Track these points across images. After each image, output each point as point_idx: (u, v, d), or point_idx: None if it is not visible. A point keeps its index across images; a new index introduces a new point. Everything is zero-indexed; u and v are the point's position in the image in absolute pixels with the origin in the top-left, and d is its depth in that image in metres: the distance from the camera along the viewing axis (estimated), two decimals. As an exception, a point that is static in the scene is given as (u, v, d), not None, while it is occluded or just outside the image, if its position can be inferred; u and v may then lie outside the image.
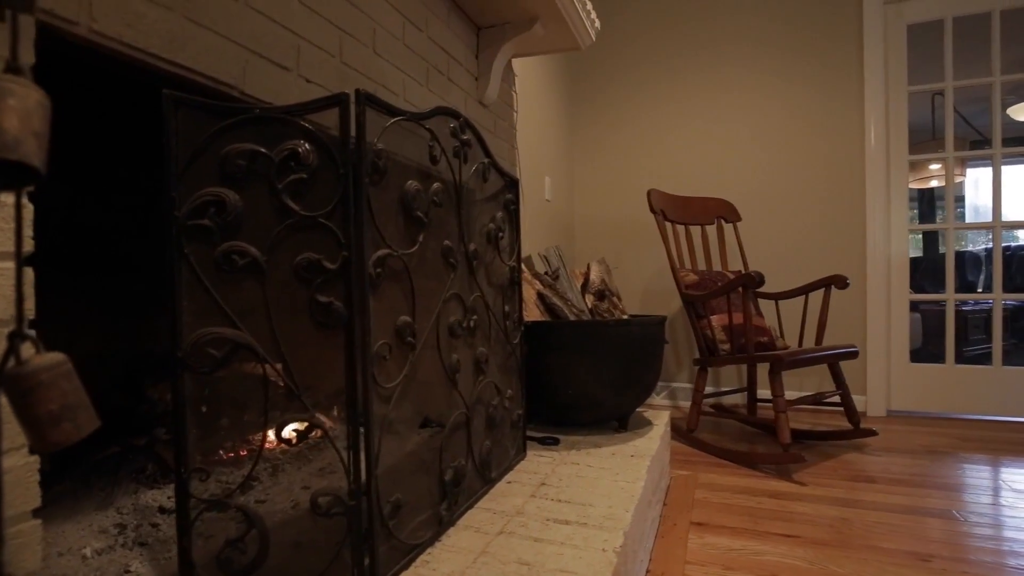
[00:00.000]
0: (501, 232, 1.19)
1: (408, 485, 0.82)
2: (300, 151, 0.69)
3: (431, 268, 0.91)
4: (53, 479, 0.84)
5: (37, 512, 0.55)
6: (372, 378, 0.71)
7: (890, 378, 2.59)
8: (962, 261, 4.38)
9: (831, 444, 2.11)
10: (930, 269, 4.12)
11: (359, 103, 0.71)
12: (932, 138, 3.89)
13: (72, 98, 0.87)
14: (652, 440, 1.45)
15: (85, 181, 0.94)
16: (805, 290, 2.23)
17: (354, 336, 0.69)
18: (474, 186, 1.07)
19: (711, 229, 2.79)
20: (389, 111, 0.78)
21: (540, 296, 1.75)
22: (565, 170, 2.95)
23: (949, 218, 2.65)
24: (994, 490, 1.63)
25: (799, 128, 2.70)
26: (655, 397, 2.91)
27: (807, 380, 2.68)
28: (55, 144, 0.45)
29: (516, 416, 1.26)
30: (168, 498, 0.85)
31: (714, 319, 2.16)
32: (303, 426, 0.71)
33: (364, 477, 0.70)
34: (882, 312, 2.57)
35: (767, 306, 2.66)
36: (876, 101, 2.56)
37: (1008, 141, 4.75)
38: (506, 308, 1.22)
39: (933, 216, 5.46)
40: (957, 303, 2.65)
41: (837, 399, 2.12)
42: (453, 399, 0.96)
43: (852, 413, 2.06)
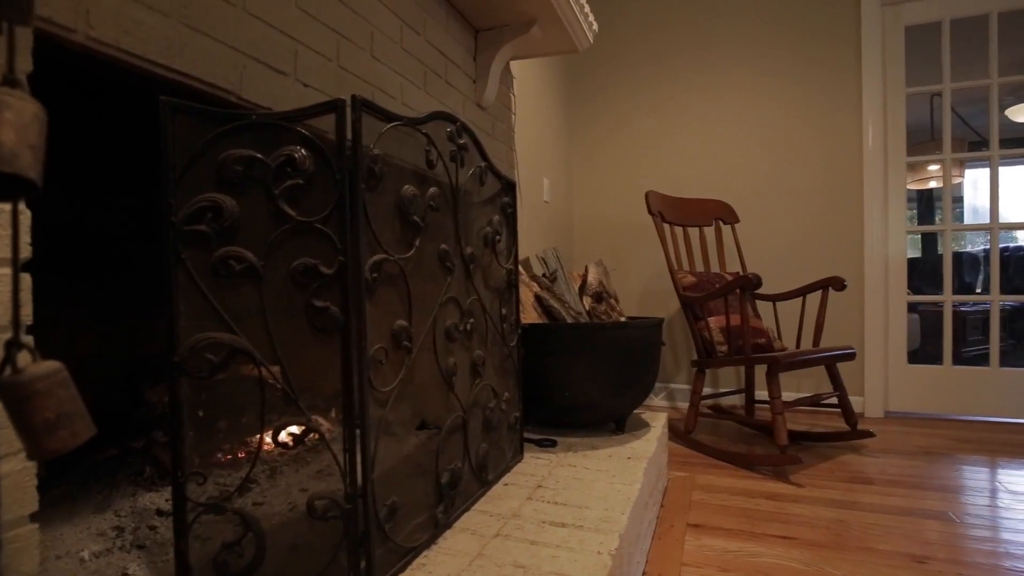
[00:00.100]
0: (498, 235, 1.19)
1: (405, 488, 0.82)
2: (296, 157, 0.70)
3: (428, 272, 0.91)
4: (51, 482, 0.85)
5: (34, 517, 0.55)
6: (368, 382, 0.71)
7: (888, 379, 2.59)
8: (960, 262, 4.39)
9: (828, 445, 2.12)
10: (928, 270, 4.12)
11: (355, 109, 0.71)
12: (931, 139, 3.90)
13: (70, 104, 0.88)
14: (649, 442, 1.46)
15: (83, 186, 0.95)
16: (803, 291, 2.24)
17: (350, 340, 0.70)
18: (471, 189, 1.08)
19: (709, 231, 2.80)
20: (385, 116, 0.78)
21: (538, 298, 1.75)
22: (563, 171, 2.95)
23: (947, 219, 2.66)
24: (991, 491, 1.63)
25: (797, 129, 2.70)
26: (653, 398, 2.92)
27: (805, 381, 2.68)
28: (53, 150, 0.45)
29: (513, 418, 1.26)
30: (166, 501, 0.86)
31: (712, 320, 2.16)
32: (300, 429, 0.72)
33: (360, 480, 0.71)
34: (880, 313, 2.57)
35: (765, 307, 2.66)
36: (874, 102, 2.56)
37: (1006, 142, 4.77)
38: (503, 311, 1.22)
39: (932, 217, 5.47)
40: (955, 304, 2.66)
41: (835, 400, 2.12)
42: (450, 402, 0.97)
43: (849, 414, 2.07)
